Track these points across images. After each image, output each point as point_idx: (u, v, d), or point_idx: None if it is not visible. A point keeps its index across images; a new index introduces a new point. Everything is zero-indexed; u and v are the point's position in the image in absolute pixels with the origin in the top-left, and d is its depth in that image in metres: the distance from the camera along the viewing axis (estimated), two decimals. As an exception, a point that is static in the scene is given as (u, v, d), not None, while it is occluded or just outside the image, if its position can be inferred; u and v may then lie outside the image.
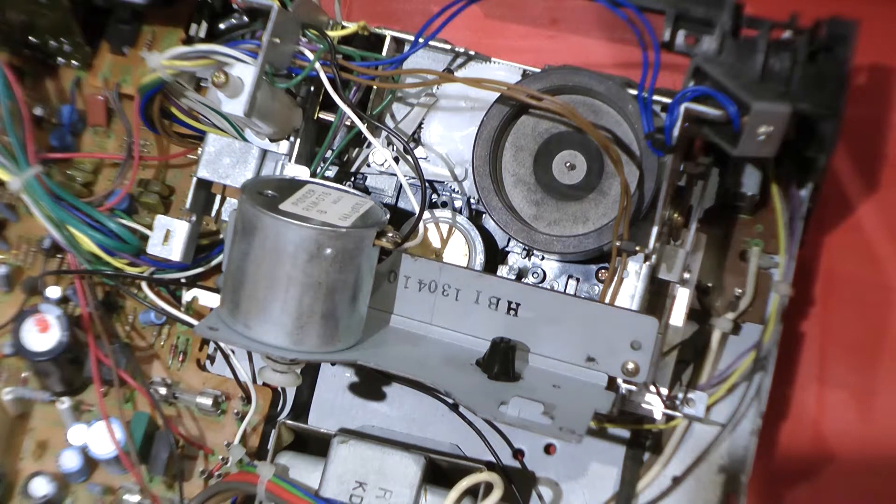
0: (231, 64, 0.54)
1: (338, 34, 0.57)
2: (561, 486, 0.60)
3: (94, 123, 0.65)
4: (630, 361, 0.52)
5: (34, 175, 0.58)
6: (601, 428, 0.60)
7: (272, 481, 0.54)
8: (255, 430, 0.61)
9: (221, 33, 0.61)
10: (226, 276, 0.52)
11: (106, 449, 0.59)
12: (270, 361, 0.53)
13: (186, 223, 0.59)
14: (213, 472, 0.61)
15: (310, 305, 0.50)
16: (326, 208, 0.51)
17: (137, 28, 0.64)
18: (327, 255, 0.50)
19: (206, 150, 0.59)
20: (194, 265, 0.61)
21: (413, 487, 0.55)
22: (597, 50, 0.71)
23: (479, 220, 0.59)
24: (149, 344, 0.63)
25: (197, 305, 0.61)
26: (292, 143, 0.58)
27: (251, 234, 0.50)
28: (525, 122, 0.57)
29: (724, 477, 0.59)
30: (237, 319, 0.51)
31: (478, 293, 0.53)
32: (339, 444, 0.56)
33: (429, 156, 0.60)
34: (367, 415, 0.61)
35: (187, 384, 0.62)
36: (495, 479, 0.54)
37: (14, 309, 0.61)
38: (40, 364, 0.59)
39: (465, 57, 0.60)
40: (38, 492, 0.60)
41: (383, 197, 0.60)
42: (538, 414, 0.49)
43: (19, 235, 0.64)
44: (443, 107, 0.60)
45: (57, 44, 0.62)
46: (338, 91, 0.56)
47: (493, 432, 0.60)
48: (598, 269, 0.58)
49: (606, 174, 0.56)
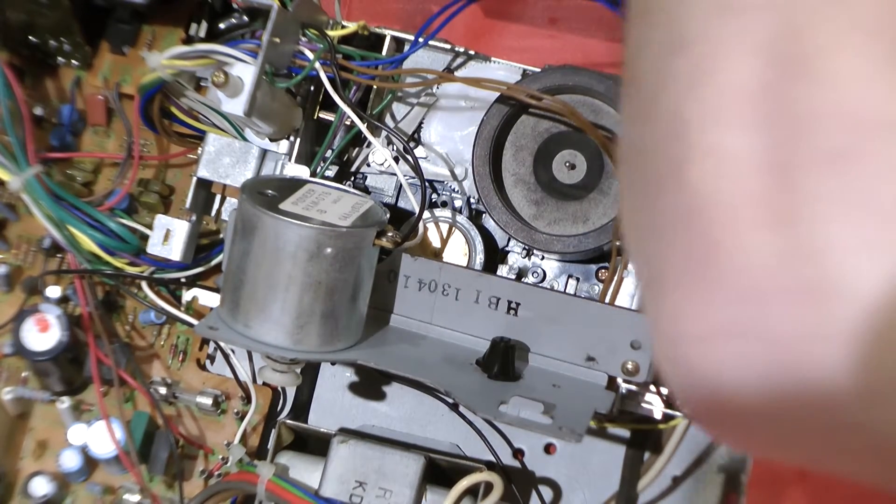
0: (231, 64, 0.54)
1: (338, 34, 0.57)
2: (561, 486, 0.60)
3: (94, 123, 0.65)
4: (630, 361, 0.52)
5: (34, 175, 0.58)
6: (601, 428, 0.60)
7: (272, 481, 0.54)
8: (255, 430, 0.61)
9: (221, 33, 0.61)
10: (226, 276, 0.52)
11: (106, 449, 0.59)
12: (270, 361, 0.53)
13: (186, 223, 0.59)
14: (213, 472, 0.61)
15: (310, 305, 0.50)
16: (326, 208, 0.51)
17: (137, 28, 0.64)
18: (327, 255, 0.50)
19: (206, 150, 0.59)
20: (194, 265, 0.60)
21: (413, 487, 0.55)
22: (597, 50, 0.71)
23: (479, 220, 0.59)
24: (149, 344, 0.63)
25: (197, 305, 0.60)
26: (292, 142, 0.58)
27: (251, 234, 0.50)
28: (525, 121, 0.57)
29: (723, 477, 0.59)
30: (237, 319, 0.51)
31: (478, 293, 0.53)
32: (339, 443, 0.56)
33: (429, 155, 0.60)
34: (367, 415, 0.61)
35: (187, 384, 0.62)
36: (495, 478, 0.54)
37: (14, 309, 0.61)
38: (40, 364, 0.59)
39: (465, 57, 0.60)
40: (38, 491, 0.60)
41: (383, 197, 0.60)
42: (538, 413, 0.49)
43: (19, 235, 0.64)
44: (443, 106, 0.60)
45: (57, 44, 0.62)
46: (338, 91, 0.56)
47: (493, 432, 0.60)
48: (598, 268, 0.58)
49: (607, 174, 0.56)
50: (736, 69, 0.20)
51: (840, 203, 0.18)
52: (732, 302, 0.20)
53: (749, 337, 0.20)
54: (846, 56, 0.18)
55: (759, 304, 0.20)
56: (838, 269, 0.18)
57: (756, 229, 0.19)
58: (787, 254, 0.19)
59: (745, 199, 0.20)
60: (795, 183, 0.19)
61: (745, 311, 0.20)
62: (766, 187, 0.19)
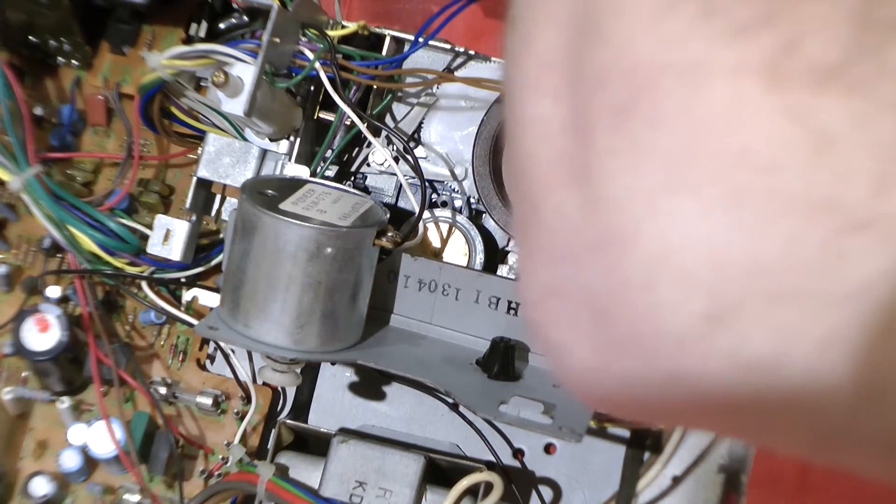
0: (231, 63, 0.54)
1: (338, 34, 0.57)
2: (561, 486, 0.60)
3: (94, 123, 0.65)
4: (630, 361, 0.52)
5: (34, 175, 0.58)
6: (601, 427, 0.60)
7: (272, 481, 0.54)
8: (255, 430, 0.61)
9: (221, 33, 0.61)
10: (226, 276, 0.52)
11: (106, 448, 0.59)
12: (270, 361, 0.53)
13: (186, 223, 0.59)
14: (213, 472, 0.61)
15: (310, 305, 0.50)
16: (326, 208, 0.51)
17: (137, 28, 0.64)
18: (327, 255, 0.50)
19: (206, 150, 0.59)
20: (194, 265, 0.60)
21: (413, 487, 0.55)
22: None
23: (479, 220, 0.59)
24: (149, 344, 0.63)
25: (197, 305, 0.60)
26: (292, 142, 0.58)
27: (251, 234, 0.50)
28: (525, 121, 0.57)
29: (724, 477, 0.59)
30: (237, 319, 0.51)
31: (478, 293, 0.53)
32: (339, 443, 0.56)
33: (429, 155, 0.60)
34: (367, 414, 0.61)
35: (187, 384, 0.62)
36: (495, 478, 0.54)
37: (14, 309, 0.61)
38: (40, 364, 0.59)
39: (465, 57, 0.60)
40: (38, 491, 0.60)
41: (383, 196, 0.60)
42: (538, 413, 0.49)
43: (19, 235, 0.64)
44: (443, 106, 0.60)
45: (57, 43, 0.62)
46: (338, 91, 0.56)
47: (493, 432, 0.60)
48: (598, 268, 0.58)
49: (606, 174, 0.56)
50: (545, 40, 0.21)
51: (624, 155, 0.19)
52: (551, 261, 0.22)
53: (570, 293, 0.21)
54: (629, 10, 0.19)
55: (570, 261, 0.21)
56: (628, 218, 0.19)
57: (561, 188, 0.21)
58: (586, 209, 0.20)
59: (552, 161, 0.21)
60: (589, 140, 0.20)
61: (562, 268, 0.21)
62: (569, 147, 0.20)
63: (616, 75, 0.19)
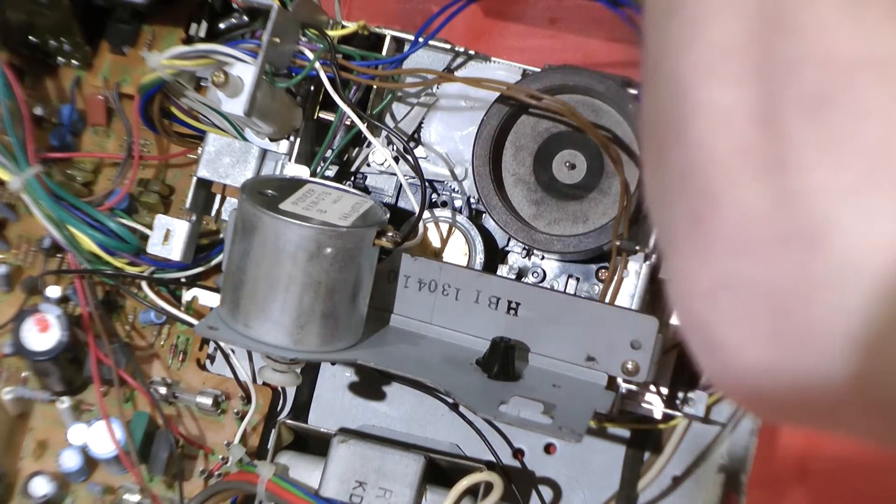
0: (231, 63, 0.54)
1: (338, 34, 0.57)
2: (561, 486, 0.60)
3: (94, 123, 0.65)
4: (630, 361, 0.52)
5: (34, 175, 0.58)
6: (601, 427, 0.60)
7: (272, 481, 0.54)
8: (255, 430, 0.61)
9: (221, 33, 0.61)
10: (226, 276, 0.52)
11: (106, 448, 0.59)
12: (270, 361, 0.53)
13: (186, 223, 0.59)
14: (213, 472, 0.61)
15: (310, 305, 0.50)
16: (326, 208, 0.51)
17: (137, 28, 0.64)
18: (327, 255, 0.50)
19: (206, 150, 0.59)
20: (194, 265, 0.60)
21: (413, 487, 0.55)
22: (597, 50, 0.71)
23: (479, 220, 0.59)
24: (149, 344, 0.63)
25: (197, 305, 0.60)
26: (292, 142, 0.58)
27: (251, 234, 0.50)
28: (525, 121, 0.57)
29: (724, 477, 0.59)
30: (237, 319, 0.51)
31: (478, 293, 0.53)
32: (339, 443, 0.56)
33: (429, 155, 0.60)
34: (367, 415, 0.61)
35: (187, 384, 0.62)
36: (495, 478, 0.54)
37: (14, 309, 0.61)
38: (40, 364, 0.59)
39: (465, 57, 0.60)
40: (38, 491, 0.60)
41: (383, 196, 0.60)
42: (538, 413, 0.49)
43: (19, 235, 0.64)
44: (443, 106, 0.60)
45: (57, 43, 0.62)
46: (338, 91, 0.56)
47: (493, 432, 0.60)
48: (598, 268, 0.58)
49: (606, 173, 0.56)
50: (722, 27, 0.20)
51: (823, 147, 0.18)
52: (731, 254, 0.21)
53: (749, 288, 0.21)
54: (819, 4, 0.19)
55: (754, 255, 0.20)
56: (824, 214, 0.18)
57: (748, 180, 0.20)
58: (777, 202, 0.19)
59: (737, 151, 0.20)
60: (781, 131, 0.19)
61: (743, 262, 0.21)
62: (756, 138, 0.20)
63: (810, 66, 0.18)
